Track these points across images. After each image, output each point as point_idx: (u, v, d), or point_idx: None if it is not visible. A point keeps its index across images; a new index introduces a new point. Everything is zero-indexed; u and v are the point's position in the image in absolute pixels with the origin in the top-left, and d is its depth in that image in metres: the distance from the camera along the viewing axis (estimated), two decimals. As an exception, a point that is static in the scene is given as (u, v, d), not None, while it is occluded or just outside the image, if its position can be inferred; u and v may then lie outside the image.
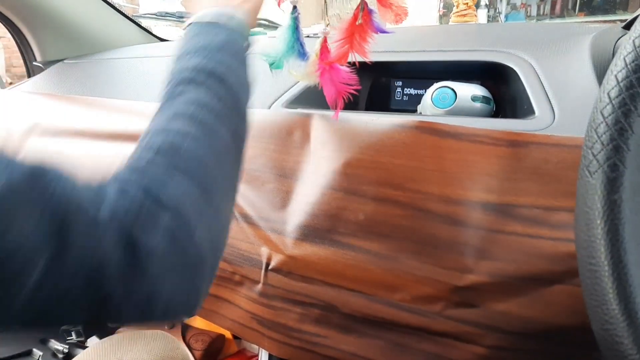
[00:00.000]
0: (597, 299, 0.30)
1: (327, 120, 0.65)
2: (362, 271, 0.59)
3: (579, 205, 0.32)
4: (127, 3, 5.06)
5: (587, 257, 0.30)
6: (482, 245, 0.54)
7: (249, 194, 0.68)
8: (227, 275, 0.71)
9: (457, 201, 0.55)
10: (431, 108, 0.68)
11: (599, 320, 0.30)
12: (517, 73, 0.64)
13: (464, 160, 0.56)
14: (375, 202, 0.59)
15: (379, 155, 0.59)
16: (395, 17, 0.46)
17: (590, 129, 0.32)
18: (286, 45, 0.49)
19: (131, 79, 1.03)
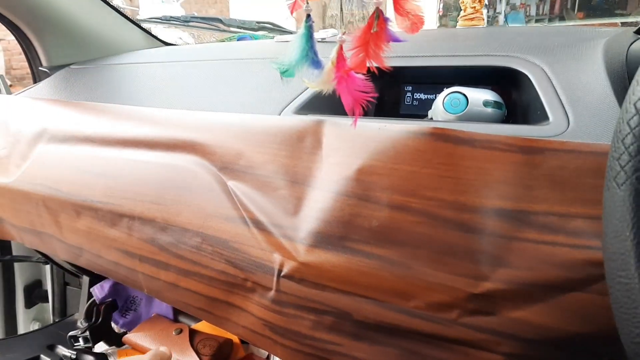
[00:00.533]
0: (628, 311, 0.29)
1: (338, 126, 0.65)
2: (376, 278, 0.59)
3: (607, 218, 0.32)
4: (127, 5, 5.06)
5: (617, 269, 0.30)
6: (498, 252, 0.54)
7: (260, 200, 0.68)
8: (238, 281, 0.71)
9: (472, 208, 0.55)
10: (442, 113, 0.68)
11: (629, 333, 0.30)
12: (529, 78, 0.64)
13: (478, 167, 0.55)
14: (389, 208, 0.59)
15: (392, 162, 0.59)
16: (412, 26, 0.45)
17: (616, 140, 0.31)
18: (300, 54, 0.49)
19: (138, 84, 1.03)
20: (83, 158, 0.87)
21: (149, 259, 0.80)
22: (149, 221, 0.78)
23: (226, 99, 0.84)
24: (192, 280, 0.76)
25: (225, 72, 0.95)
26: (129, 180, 0.81)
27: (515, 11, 5.21)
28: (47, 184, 0.91)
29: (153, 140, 0.80)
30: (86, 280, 1.26)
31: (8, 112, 1.01)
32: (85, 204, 0.86)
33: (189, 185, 0.74)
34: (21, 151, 0.96)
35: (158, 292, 0.82)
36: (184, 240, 0.75)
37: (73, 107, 0.96)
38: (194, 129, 0.76)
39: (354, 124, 0.53)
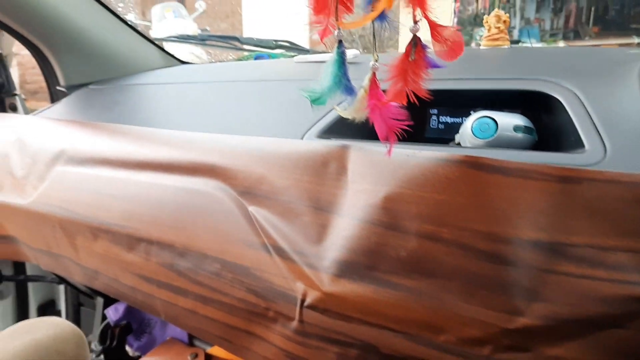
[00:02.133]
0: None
1: (364, 152, 0.63)
2: (404, 310, 0.57)
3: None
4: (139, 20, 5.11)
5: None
6: (533, 286, 0.51)
7: (282, 227, 0.66)
8: (260, 310, 0.69)
9: (505, 239, 0.53)
10: (471, 138, 0.66)
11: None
12: (562, 103, 0.62)
13: (512, 197, 0.53)
14: (418, 238, 0.56)
15: (421, 190, 0.57)
16: (450, 53, 0.44)
17: None
18: (332, 81, 0.48)
19: (156, 105, 1.02)
20: (100, 180, 0.86)
21: (167, 284, 0.78)
22: (168, 246, 0.77)
23: (246, 121, 0.83)
24: (211, 307, 0.74)
25: (245, 93, 0.93)
26: (147, 203, 0.79)
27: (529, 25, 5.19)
28: (63, 206, 0.90)
29: (172, 163, 0.79)
30: (100, 301, 1.24)
31: (26, 133, 1.01)
32: (102, 227, 0.85)
33: (209, 210, 0.73)
34: (38, 172, 0.95)
35: (176, 318, 0.80)
36: (203, 266, 0.73)
37: (91, 128, 0.95)
38: (213, 152, 0.75)
39: (388, 153, 0.51)
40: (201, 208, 0.74)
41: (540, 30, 5.30)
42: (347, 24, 0.46)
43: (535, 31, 5.13)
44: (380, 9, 0.43)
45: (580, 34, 5.22)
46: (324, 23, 0.47)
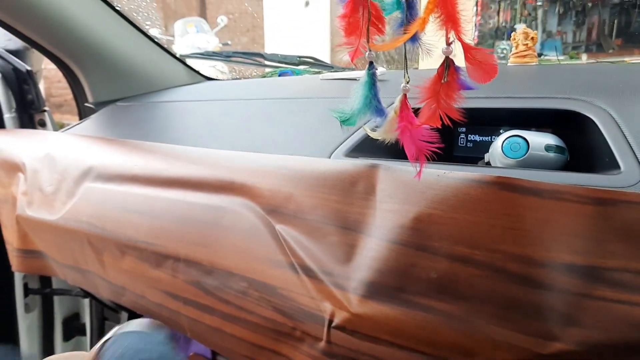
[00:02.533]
0: None
1: (393, 172, 0.63)
2: (435, 333, 0.56)
3: None
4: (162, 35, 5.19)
5: None
6: (568, 310, 0.50)
7: (309, 246, 0.66)
8: (286, 330, 0.69)
9: (539, 262, 0.52)
10: (501, 157, 0.65)
11: None
12: (595, 123, 0.61)
13: (546, 219, 0.52)
14: (449, 260, 0.56)
15: (452, 211, 0.56)
16: (483, 75, 0.43)
17: None
18: (363, 102, 0.48)
19: (183, 122, 1.03)
20: (128, 197, 0.87)
21: (194, 301, 0.79)
22: (194, 263, 0.77)
23: (273, 139, 0.83)
24: (237, 326, 0.74)
25: (271, 111, 0.94)
26: (174, 221, 0.80)
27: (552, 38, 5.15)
28: (92, 222, 0.91)
29: (199, 180, 0.79)
30: (125, 315, 1.25)
31: (55, 149, 1.02)
32: (129, 243, 0.85)
33: (236, 228, 0.73)
34: (67, 188, 0.96)
35: (202, 336, 0.80)
36: (229, 285, 0.73)
37: (119, 145, 0.96)
38: (241, 170, 0.75)
39: (418, 176, 0.51)
40: (228, 226, 0.74)
41: (563, 43, 5.26)
42: (378, 46, 0.46)
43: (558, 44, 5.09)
44: (413, 31, 0.43)
45: (603, 47, 5.17)
46: (355, 44, 0.47)
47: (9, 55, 1.23)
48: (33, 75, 1.24)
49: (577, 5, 5.24)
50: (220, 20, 5.33)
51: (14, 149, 1.09)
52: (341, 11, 0.46)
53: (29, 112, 1.25)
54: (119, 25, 1.21)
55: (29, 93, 1.23)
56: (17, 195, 1.05)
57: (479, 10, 5.33)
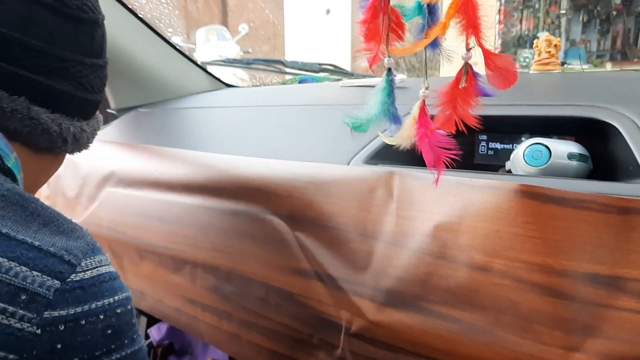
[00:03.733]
0: None
1: (412, 179, 0.62)
2: (454, 343, 0.55)
3: None
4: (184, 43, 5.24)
5: None
6: (591, 321, 0.49)
7: (328, 253, 0.66)
8: (303, 337, 0.68)
9: (561, 272, 0.51)
10: (523, 165, 0.64)
11: None
12: (619, 131, 0.60)
13: (568, 228, 0.51)
14: (469, 269, 0.55)
15: (472, 219, 0.56)
16: (503, 82, 0.43)
17: None
18: (379, 109, 0.47)
19: (203, 128, 1.04)
20: (148, 202, 0.87)
21: (212, 307, 0.79)
22: (213, 269, 0.77)
23: (292, 146, 0.83)
24: (255, 332, 0.74)
25: (291, 118, 0.94)
26: (193, 226, 0.80)
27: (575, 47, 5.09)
28: (112, 227, 0.91)
29: (219, 186, 0.79)
30: (144, 320, 1.25)
31: (78, 154, 1.03)
32: (148, 248, 0.86)
33: (254, 234, 0.73)
34: (89, 193, 0.97)
35: (220, 342, 0.80)
36: (247, 291, 0.73)
37: (140, 151, 0.97)
38: (260, 176, 0.75)
39: (436, 182, 0.50)
40: (247, 232, 0.74)
41: (587, 51, 5.20)
42: (398, 51, 0.46)
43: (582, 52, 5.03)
44: (433, 36, 0.42)
45: (628, 56, 5.09)
46: (374, 50, 0.47)
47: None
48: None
49: (602, 13, 5.17)
50: (242, 28, 5.36)
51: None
52: (361, 17, 0.46)
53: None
54: (141, 32, 1.22)
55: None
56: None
57: (501, 18, 5.29)
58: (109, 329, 0.41)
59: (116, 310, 0.42)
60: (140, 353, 0.45)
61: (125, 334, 0.43)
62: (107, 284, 0.43)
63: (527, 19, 5.32)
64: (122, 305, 0.43)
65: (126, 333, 0.43)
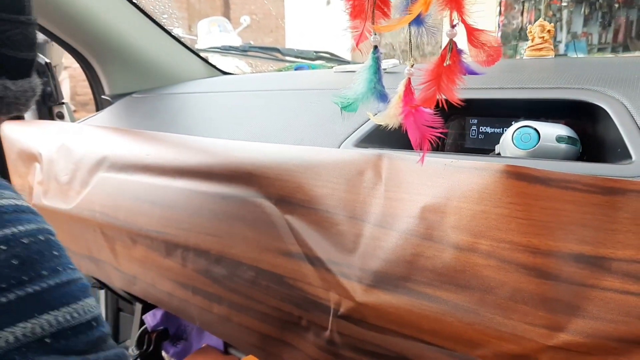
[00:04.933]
0: None
1: (400, 161, 0.62)
2: (440, 323, 0.55)
3: None
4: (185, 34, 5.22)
5: None
6: (575, 301, 0.49)
7: (317, 236, 0.66)
8: (293, 319, 0.69)
9: (547, 252, 0.51)
10: (512, 149, 0.64)
11: None
12: (608, 113, 0.60)
13: (554, 208, 0.51)
14: (455, 249, 0.55)
15: (459, 201, 0.56)
16: (488, 58, 0.42)
17: None
18: (366, 87, 0.47)
19: (197, 114, 1.04)
20: (140, 187, 0.87)
21: (203, 291, 0.79)
22: (203, 252, 0.77)
23: (284, 130, 0.83)
24: (244, 315, 0.74)
25: (283, 102, 0.94)
26: (185, 210, 0.80)
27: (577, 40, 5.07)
28: (105, 212, 0.92)
29: (210, 170, 0.79)
30: (139, 307, 1.26)
31: (71, 139, 1.03)
32: (141, 232, 0.86)
33: (245, 217, 0.73)
34: (82, 178, 0.97)
35: (210, 325, 0.80)
36: (238, 274, 0.73)
37: (133, 135, 0.97)
38: (251, 160, 0.75)
39: (421, 161, 0.50)
40: (237, 216, 0.74)
41: (588, 44, 5.18)
42: (382, 27, 0.46)
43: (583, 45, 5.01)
44: (416, 12, 0.42)
45: (630, 48, 5.07)
46: (360, 28, 0.47)
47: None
48: (52, 68, 1.25)
49: (604, 6, 5.15)
50: (243, 20, 5.34)
51: (31, 139, 1.11)
52: (348, -5, 0.46)
53: (47, 105, 1.27)
54: (136, 18, 1.22)
55: (47, 86, 1.24)
56: (33, 185, 1.07)
57: (502, 10, 5.27)
58: (14, 259, 0.39)
59: (22, 240, 0.41)
60: (70, 286, 0.43)
61: (42, 264, 0.41)
62: (10, 215, 0.41)
63: (528, 11, 5.30)
64: (30, 236, 0.42)
65: (42, 264, 0.41)
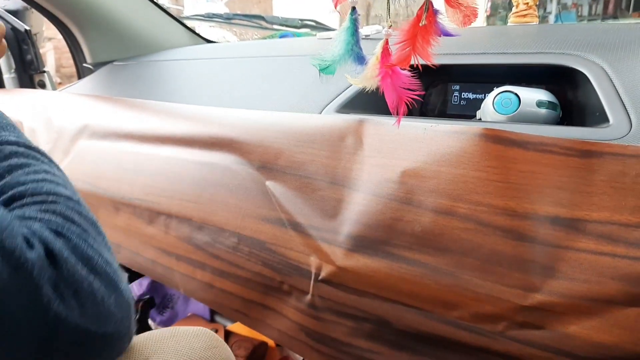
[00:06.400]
0: None
1: (381, 126, 0.62)
2: (418, 286, 0.56)
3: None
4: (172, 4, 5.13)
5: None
6: (550, 262, 0.50)
7: (298, 201, 0.66)
8: (274, 284, 0.69)
9: (524, 215, 0.51)
10: (492, 114, 0.64)
11: None
12: (588, 77, 0.60)
13: (531, 171, 0.52)
14: (434, 213, 0.55)
15: (437, 165, 0.56)
16: (464, 19, 0.42)
17: None
18: (344, 49, 0.47)
19: (179, 81, 1.03)
20: (123, 155, 0.87)
21: (185, 257, 0.79)
22: (186, 220, 0.78)
23: (266, 96, 0.83)
24: (227, 281, 0.74)
25: (266, 69, 0.93)
26: (167, 178, 0.80)
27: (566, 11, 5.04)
28: (87, 180, 0.91)
29: (192, 137, 0.79)
30: (124, 276, 1.26)
31: (52, 108, 1.02)
32: (123, 200, 0.86)
33: (227, 184, 0.73)
34: (63, 146, 0.96)
35: (194, 291, 0.81)
36: (220, 240, 0.74)
37: (114, 103, 0.96)
38: (233, 127, 0.74)
39: (397, 123, 0.50)
40: (219, 182, 0.74)
41: (578, 15, 5.15)
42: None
43: (573, 16, 4.98)
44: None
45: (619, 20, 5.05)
46: (339, -12, 0.46)
47: (7, 15, 1.22)
48: (32, 36, 1.23)
49: (594, -24, 5.11)
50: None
51: (12, 108, 1.09)
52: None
53: (28, 73, 1.25)
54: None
55: (27, 53, 1.22)
56: (15, 154, 1.06)
57: (492, -20, 5.21)
58: None
59: None
60: None
61: None
62: None
63: (518, -19, 5.25)
64: None
65: None
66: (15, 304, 0.34)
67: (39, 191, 0.43)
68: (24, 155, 0.48)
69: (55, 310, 0.35)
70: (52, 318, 0.35)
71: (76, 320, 0.37)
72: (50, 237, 0.38)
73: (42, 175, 0.46)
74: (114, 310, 0.40)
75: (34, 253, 0.35)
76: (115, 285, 0.41)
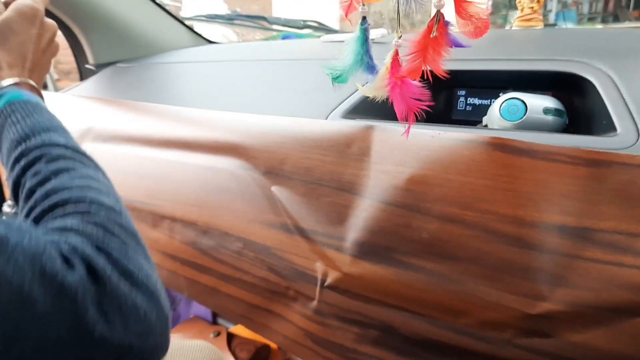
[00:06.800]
0: None
1: (388, 133, 0.62)
2: (425, 293, 0.56)
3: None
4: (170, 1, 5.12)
5: None
6: (558, 271, 0.50)
7: (304, 207, 0.66)
8: (280, 289, 0.69)
9: (531, 223, 0.51)
10: (499, 120, 0.64)
11: None
12: (594, 85, 0.60)
13: (538, 180, 0.52)
14: (441, 221, 0.56)
15: (445, 172, 0.56)
16: (475, 31, 0.42)
17: None
18: (354, 58, 0.47)
19: (182, 83, 1.02)
20: (126, 158, 0.87)
21: (190, 262, 0.79)
22: (190, 224, 0.78)
23: (271, 100, 0.83)
24: (232, 285, 0.75)
25: (271, 72, 0.93)
26: (171, 182, 0.80)
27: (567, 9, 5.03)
28: (91, 183, 0.91)
29: (196, 142, 0.79)
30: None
31: (55, 110, 1.01)
32: (127, 204, 0.85)
33: (232, 189, 0.73)
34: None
35: (199, 296, 0.81)
36: (225, 245, 0.74)
37: (118, 106, 0.96)
38: (238, 131, 0.74)
39: (406, 134, 0.50)
40: (224, 187, 0.74)
41: (579, 13, 5.15)
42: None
43: (573, 14, 4.98)
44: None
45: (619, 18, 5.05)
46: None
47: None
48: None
49: (594, -26, 5.10)
50: (229, -14, 5.25)
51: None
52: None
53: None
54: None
55: (29, 54, 1.21)
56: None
57: (493, -21, 5.21)
58: None
59: None
60: None
61: None
62: None
63: (519, -20, 5.24)
64: None
65: None
66: (60, 328, 0.33)
67: (82, 199, 0.44)
68: (71, 158, 0.48)
69: (100, 331, 0.35)
70: (97, 339, 0.35)
71: (120, 337, 0.37)
72: (92, 253, 0.38)
73: (86, 181, 0.46)
74: (155, 323, 0.40)
75: (76, 275, 0.35)
76: (156, 299, 0.41)
